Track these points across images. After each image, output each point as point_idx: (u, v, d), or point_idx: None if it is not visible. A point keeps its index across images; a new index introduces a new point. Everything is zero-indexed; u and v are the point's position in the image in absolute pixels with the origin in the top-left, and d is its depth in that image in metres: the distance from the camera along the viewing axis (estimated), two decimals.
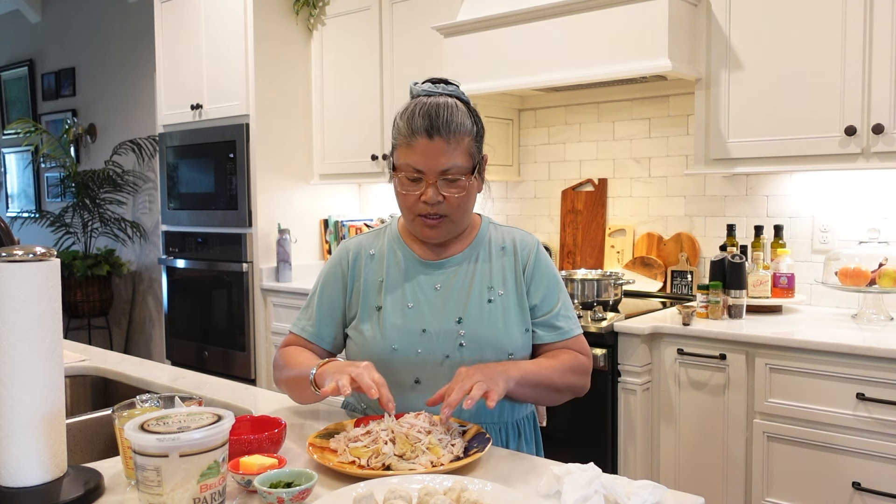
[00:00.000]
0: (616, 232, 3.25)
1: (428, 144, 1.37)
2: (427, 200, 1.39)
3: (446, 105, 1.40)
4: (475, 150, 1.43)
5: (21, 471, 1.06)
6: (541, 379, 1.41)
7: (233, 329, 3.91)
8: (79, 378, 1.97)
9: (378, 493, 1.03)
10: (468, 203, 1.45)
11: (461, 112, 1.41)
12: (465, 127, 1.40)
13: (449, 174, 1.39)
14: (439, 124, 1.37)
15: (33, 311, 1.06)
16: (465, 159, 1.40)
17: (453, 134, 1.38)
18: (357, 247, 1.55)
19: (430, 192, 1.39)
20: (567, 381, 1.46)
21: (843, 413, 2.13)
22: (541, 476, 1.13)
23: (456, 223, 1.45)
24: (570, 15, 2.75)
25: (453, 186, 1.40)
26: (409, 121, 1.40)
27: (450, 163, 1.38)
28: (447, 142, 1.38)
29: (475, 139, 1.43)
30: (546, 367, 1.43)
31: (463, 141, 1.40)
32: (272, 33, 3.79)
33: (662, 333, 2.47)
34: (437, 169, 1.38)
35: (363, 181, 3.93)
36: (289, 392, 1.50)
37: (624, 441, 2.51)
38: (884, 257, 2.41)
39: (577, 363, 1.49)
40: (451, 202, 1.40)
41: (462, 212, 1.44)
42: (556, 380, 1.43)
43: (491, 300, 1.46)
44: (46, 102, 6.33)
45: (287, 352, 1.52)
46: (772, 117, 2.51)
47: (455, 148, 1.38)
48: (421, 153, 1.38)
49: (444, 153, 1.38)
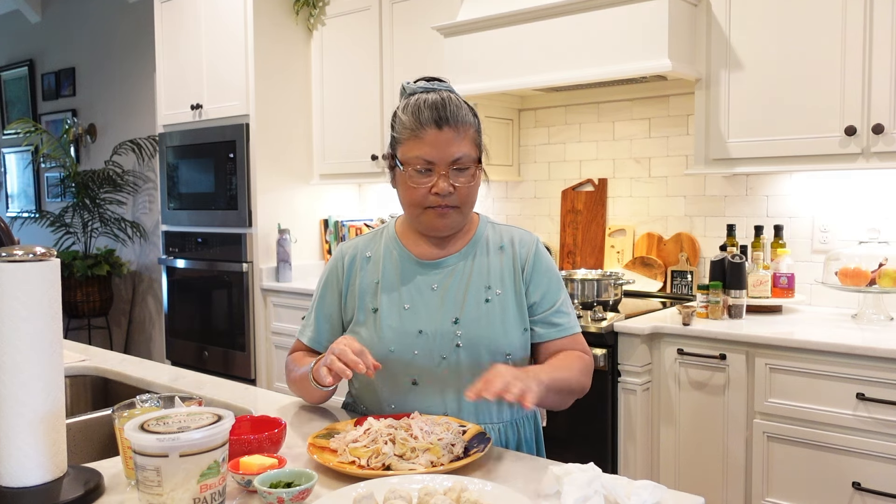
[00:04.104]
0: (616, 232, 3.25)
1: (438, 135, 1.40)
2: (439, 192, 1.41)
3: (450, 98, 1.43)
4: (479, 141, 1.47)
5: (21, 471, 1.06)
6: (563, 385, 1.40)
7: (233, 329, 3.91)
8: (79, 378, 1.97)
9: (378, 493, 1.03)
10: (475, 194, 1.47)
11: (464, 105, 1.45)
12: (469, 117, 1.44)
13: (460, 163, 1.41)
14: (447, 115, 1.40)
15: (33, 311, 1.06)
16: (473, 149, 1.44)
17: (461, 124, 1.41)
18: (353, 250, 1.56)
19: (441, 184, 1.41)
20: (581, 384, 1.47)
21: (843, 413, 2.13)
22: (541, 476, 1.13)
23: (464, 214, 1.48)
24: (570, 15, 2.75)
25: (463, 175, 1.42)
26: (414, 114, 1.41)
27: (460, 151, 1.41)
28: (456, 131, 1.41)
29: (478, 130, 1.48)
30: (565, 371, 1.42)
31: (469, 131, 1.43)
32: (272, 33, 3.80)
33: (662, 333, 2.47)
34: (449, 158, 1.40)
35: (363, 181, 3.93)
36: (299, 394, 1.57)
37: (624, 441, 2.51)
38: (884, 257, 2.41)
39: (584, 364, 1.49)
40: (461, 192, 1.43)
41: (470, 202, 1.47)
42: (573, 383, 1.44)
43: (489, 300, 1.46)
44: (46, 102, 6.33)
45: (293, 357, 1.58)
46: (772, 117, 2.51)
47: (464, 137, 1.42)
48: (431, 144, 1.40)
49: (454, 142, 1.40)
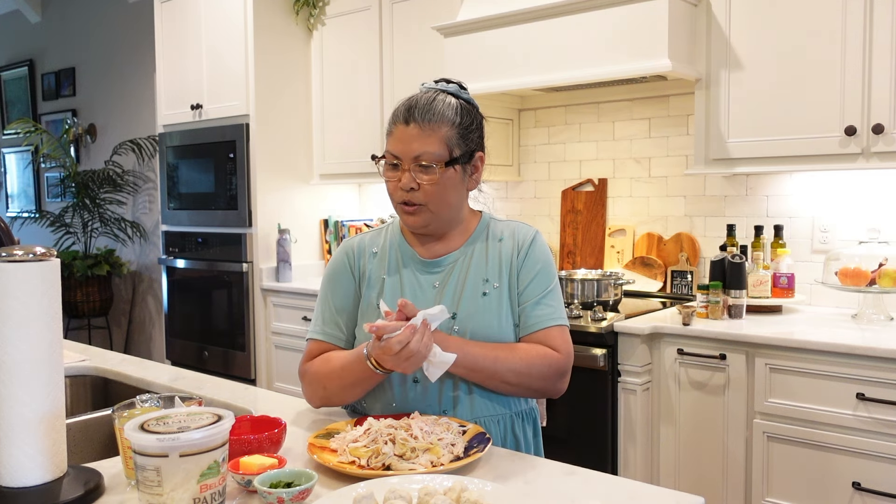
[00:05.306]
0: (616, 232, 3.25)
1: (403, 130, 1.42)
2: (402, 186, 1.42)
3: (432, 97, 1.44)
4: (455, 141, 1.43)
5: (21, 471, 1.06)
6: (488, 370, 1.37)
7: (233, 329, 3.91)
8: (79, 378, 1.97)
9: (378, 493, 1.03)
10: (446, 195, 1.44)
11: (444, 103, 1.43)
12: (445, 116, 1.42)
13: (421, 160, 1.41)
14: (416, 112, 1.41)
15: (33, 311, 1.06)
16: (441, 148, 1.41)
17: (428, 122, 1.41)
18: (360, 244, 1.57)
19: (404, 178, 1.42)
20: (519, 373, 1.39)
21: (843, 413, 2.13)
22: (541, 476, 1.13)
23: (434, 213, 1.45)
24: (570, 15, 2.75)
25: (426, 174, 1.41)
26: (394, 111, 1.46)
27: (421, 149, 1.40)
28: (421, 128, 1.41)
29: (458, 130, 1.43)
30: (492, 357, 1.38)
31: (439, 130, 1.41)
32: (272, 33, 3.79)
33: (662, 333, 2.47)
34: (410, 154, 1.41)
35: (363, 181, 3.93)
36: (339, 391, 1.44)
37: (624, 441, 2.51)
38: (884, 257, 2.41)
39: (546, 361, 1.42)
40: (424, 190, 1.42)
41: (439, 202, 1.44)
42: (505, 373, 1.39)
43: (486, 293, 1.46)
44: (46, 102, 6.33)
45: (315, 362, 1.48)
46: (771, 117, 2.51)
47: (429, 135, 1.41)
48: (397, 139, 1.43)
49: (418, 139, 1.41)
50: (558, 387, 1.46)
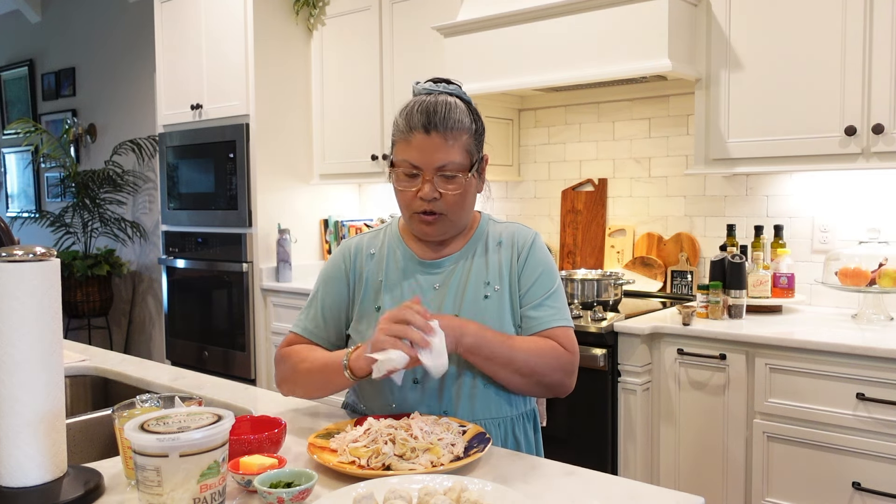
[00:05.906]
0: (616, 232, 3.25)
1: (425, 140, 1.38)
2: (423, 196, 1.40)
3: (445, 102, 1.41)
4: (473, 148, 1.44)
5: (21, 471, 1.06)
6: (503, 357, 1.36)
7: (233, 329, 3.91)
8: (79, 378, 1.97)
9: (378, 493, 1.03)
10: (465, 201, 1.44)
11: (459, 110, 1.42)
12: (463, 124, 1.41)
13: (446, 170, 1.39)
14: (437, 120, 1.38)
15: (33, 311, 1.06)
16: (463, 156, 1.41)
17: (450, 130, 1.39)
18: (357, 245, 1.56)
19: (426, 189, 1.39)
20: (532, 367, 1.39)
21: (843, 413, 2.13)
22: (541, 476, 1.13)
23: (454, 221, 1.45)
24: (570, 15, 2.75)
25: (450, 183, 1.40)
26: (407, 117, 1.41)
27: (447, 159, 1.39)
28: (444, 138, 1.38)
29: (473, 137, 1.44)
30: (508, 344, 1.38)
31: (461, 138, 1.40)
32: (272, 33, 3.80)
33: (662, 333, 2.47)
34: (434, 165, 1.39)
35: (363, 181, 3.93)
36: (306, 385, 1.46)
37: (624, 441, 2.51)
38: (884, 257, 2.41)
39: (555, 354, 1.41)
40: (447, 199, 1.41)
41: (459, 210, 1.44)
42: (517, 360, 1.37)
43: (487, 296, 1.46)
44: (46, 102, 6.33)
45: (295, 349, 1.51)
46: (772, 117, 2.51)
47: (452, 144, 1.39)
48: (418, 149, 1.39)
49: (441, 149, 1.38)
50: (567, 383, 1.45)
